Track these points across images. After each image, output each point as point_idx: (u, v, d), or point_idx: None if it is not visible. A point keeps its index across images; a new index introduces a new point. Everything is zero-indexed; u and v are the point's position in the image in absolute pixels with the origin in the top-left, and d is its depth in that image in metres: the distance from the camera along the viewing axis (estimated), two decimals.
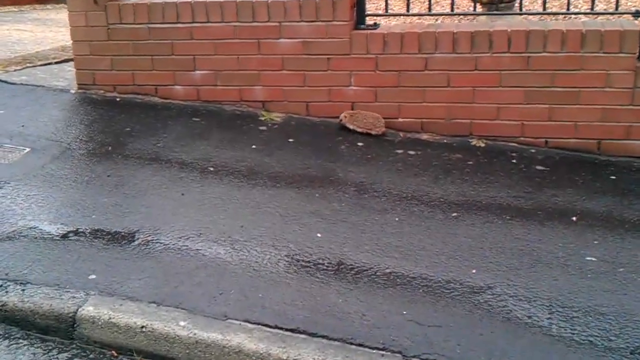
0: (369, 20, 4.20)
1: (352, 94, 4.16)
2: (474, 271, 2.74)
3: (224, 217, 3.14)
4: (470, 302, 2.55)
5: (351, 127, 4.08)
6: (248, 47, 4.25)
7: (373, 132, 4.05)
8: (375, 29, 4.10)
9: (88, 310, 2.48)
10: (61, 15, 8.10)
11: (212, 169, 3.62)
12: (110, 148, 3.84)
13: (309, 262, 2.79)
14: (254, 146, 3.88)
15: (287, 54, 4.20)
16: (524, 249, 2.92)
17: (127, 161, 3.70)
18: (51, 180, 3.47)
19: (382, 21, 4.54)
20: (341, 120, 4.14)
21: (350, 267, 2.76)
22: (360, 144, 3.94)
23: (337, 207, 3.24)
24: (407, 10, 4.42)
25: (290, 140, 3.97)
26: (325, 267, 2.75)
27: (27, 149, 3.82)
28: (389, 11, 4.54)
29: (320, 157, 3.76)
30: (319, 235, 2.99)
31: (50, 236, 2.97)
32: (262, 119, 4.25)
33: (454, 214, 3.18)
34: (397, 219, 3.13)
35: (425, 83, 4.00)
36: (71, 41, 4.61)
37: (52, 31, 6.89)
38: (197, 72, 4.40)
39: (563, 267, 2.79)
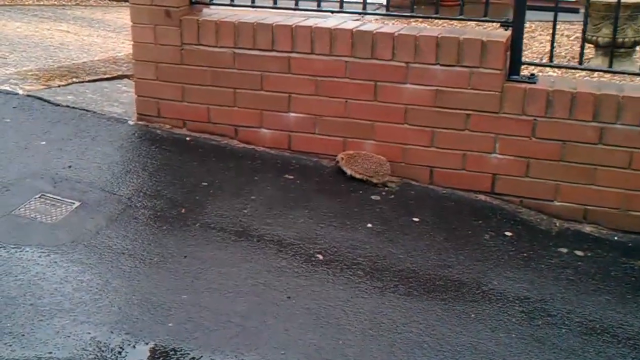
0: (523, 71, 3.38)
1: (494, 163, 3.33)
2: None
3: (352, 343, 2.30)
4: None
5: (349, 172, 3.40)
6: (361, 90, 3.44)
7: (374, 180, 3.36)
8: (533, 82, 3.28)
9: None
10: (109, 15, 7.41)
11: (320, 257, 2.80)
12: (183, 210, 3.04)
13: None
14: (369, 225, 3.06)
15: (413, 104, 3.38)
16: None
17: (208, 234, 2.89)
18: (110, 256, 2.67)
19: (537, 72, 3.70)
20: (337, 162, 3.44)
21: None
22: (508, 233, 3.10)
23: (505, 339, 2.40)
24: (580, 62, 3.52)
25: (415, 219, 3.15)
26: None
27: (76, 203, 3.03)
28: (551, 61, 3.62)
29: (459, 249, 2.94)
30: None
31: (113, 358, 2.17)
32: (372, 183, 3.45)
33: None
34: None
35: (598, 160, 3.15)
36: (133, 60, 3.85)
37: (100, 36, 6.16)
38: (291, 114, 3.60)
39: None
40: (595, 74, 5.10)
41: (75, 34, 6.15)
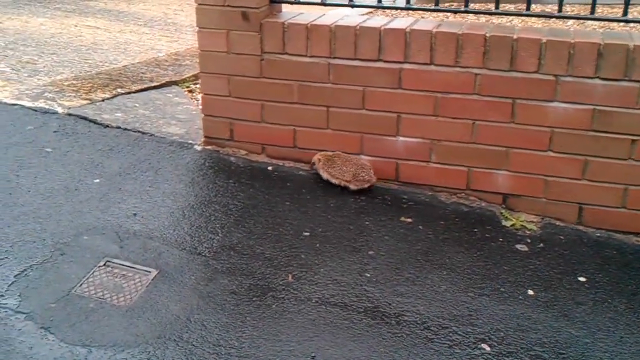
0: None
1: None
2: None
3: None
4: None
5: (325, 176, 2.81)
6: (494, 110, 2.62)
7: (351, 187, 2.73)
8: None
9: None
10: (134, 7, 6.49)
11: (486, 347, 1.97)
12: (290, 278, 2.24)
13: None
14: (530, 292, 2.25)
15: (561, 127, 2.56)
16: None
17: (330, 315, 2.09)
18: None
19: None
20: (313, 164, 2.87)
21: None
22: None
23: None
24: None
25: (582, 279, 2.35)
26: None
27: (153, 271, 2.23)
28: None
29: None
30: None
31: None
32: (508, 225, 2.64)
33: None
34: None
35: None
36: (200, 73, 3.01)
37: (133, 31, 5.26)
38: (401, 138, 2.79)
39: None
40: None
41: (106, 29, 5.26)
